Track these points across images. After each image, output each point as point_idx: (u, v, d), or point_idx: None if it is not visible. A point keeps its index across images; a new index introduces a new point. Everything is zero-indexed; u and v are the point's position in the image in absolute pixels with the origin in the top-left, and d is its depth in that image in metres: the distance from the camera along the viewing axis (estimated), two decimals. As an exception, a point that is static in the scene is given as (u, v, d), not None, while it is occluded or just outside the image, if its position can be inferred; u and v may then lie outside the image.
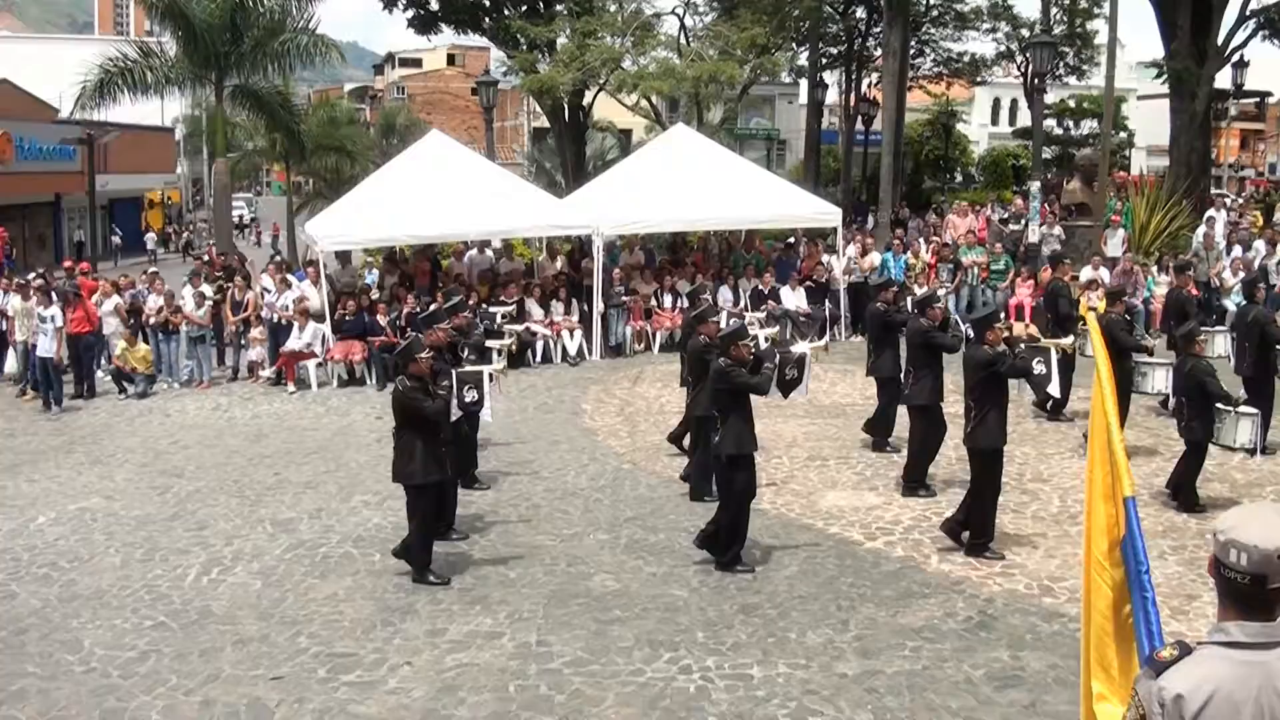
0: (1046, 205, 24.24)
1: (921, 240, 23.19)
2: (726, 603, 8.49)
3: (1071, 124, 48.68)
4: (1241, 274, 19.12)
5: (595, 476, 12.05)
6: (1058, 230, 22.69)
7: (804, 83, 42.81)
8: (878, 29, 34.93)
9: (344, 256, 19.76)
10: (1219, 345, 12.87)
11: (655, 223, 20.28)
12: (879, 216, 27.43)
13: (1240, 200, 33.86)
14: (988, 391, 9.37)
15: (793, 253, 22.00)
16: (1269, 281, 19.17)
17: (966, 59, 41.98)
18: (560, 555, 9.61)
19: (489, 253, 20.88)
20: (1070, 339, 12.04)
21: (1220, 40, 27.63)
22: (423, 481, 8.99)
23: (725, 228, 22.34)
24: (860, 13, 37.89)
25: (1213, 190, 31.29)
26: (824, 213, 21.18)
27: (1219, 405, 10.34)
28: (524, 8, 29.63)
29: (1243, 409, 10.54)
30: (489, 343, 12.60)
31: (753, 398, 9.26)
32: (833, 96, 43.59)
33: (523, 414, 14.79)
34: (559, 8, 29.19)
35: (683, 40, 30.20)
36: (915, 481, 11.11)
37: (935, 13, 39.25)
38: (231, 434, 14.49)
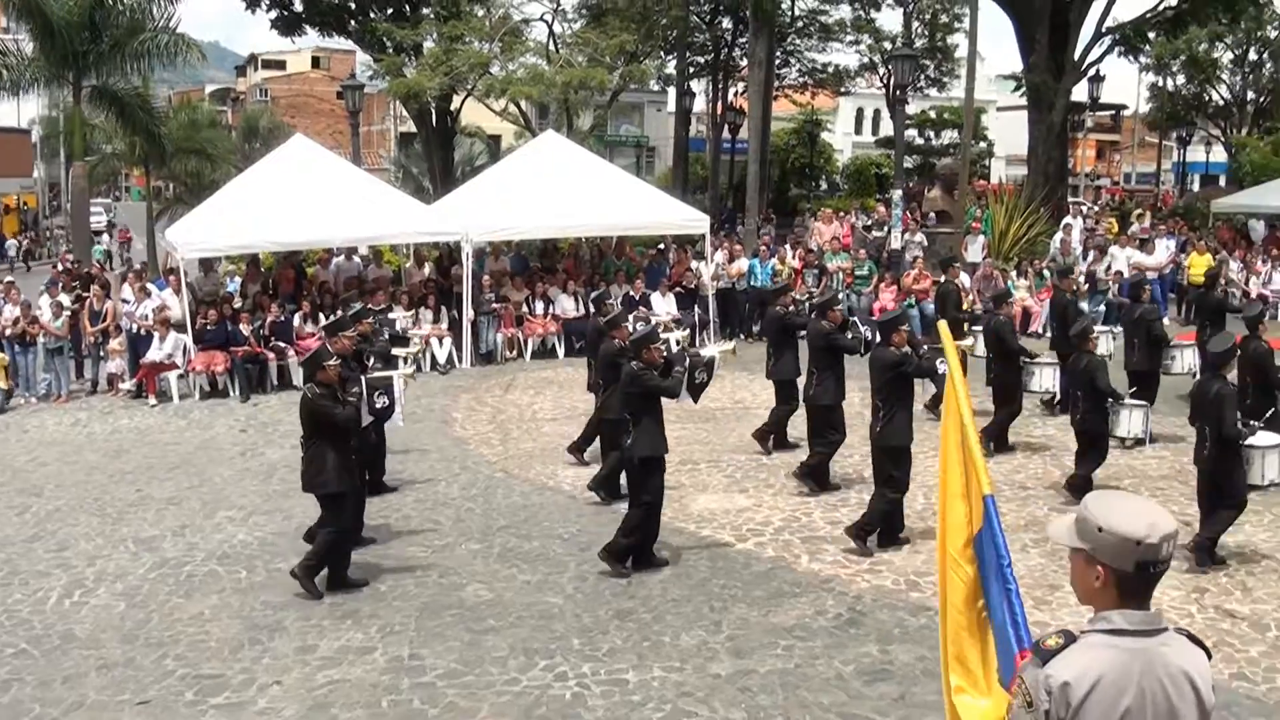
0: (909, 213, 24.87)
1: (788, 246, 23.59)
2: (601, 608, 8.51)
3: (933, 134, 50.03)
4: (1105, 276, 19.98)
5: (467, 486, 11.96)
6: (920, 237, 23.30)
7: (672, 91, 43.19)
8: (744, 39, 35.42)
9: (206, 264, 19.23)
10: (1103, 345, 13.38)
11: (525, 229, 20.22)
12: (746, 223, 27.80)
13: (1096, 208, 35.23)
14: (895, 391, 9.67)
15: (662, 259, 22.17)
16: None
17: (831, 70, 42.82)
18: (432, 566, 9.51)
19: (355, 260, 20.57)
20: (970, 340, 12.43)
21: (1077, 55, 28.73)
22: (335, 490, 8.84)
23: (596, 234, 22.41)
24: (727, 23, 38.39)
25: (1069, 198, 32.52)
26: (693, 220, 21.37)
27: (1111, 399, 10.91)
28: (390, 11, 29.27)
29: (1132, 401, 11.23)
30: (395, 350, 12.43)
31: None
32: (700, 105, 44.12)
33: (391, 423, 14.57)
34: (425, 11, 28.90)
35: (551, 46, 30.18)
36: (817, 480, 11.35)
37: (800, 24, 39.98)
38: (91, 449, 13.99)
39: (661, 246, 23.25)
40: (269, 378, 17.22)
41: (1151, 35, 31.64)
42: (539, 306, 19.81)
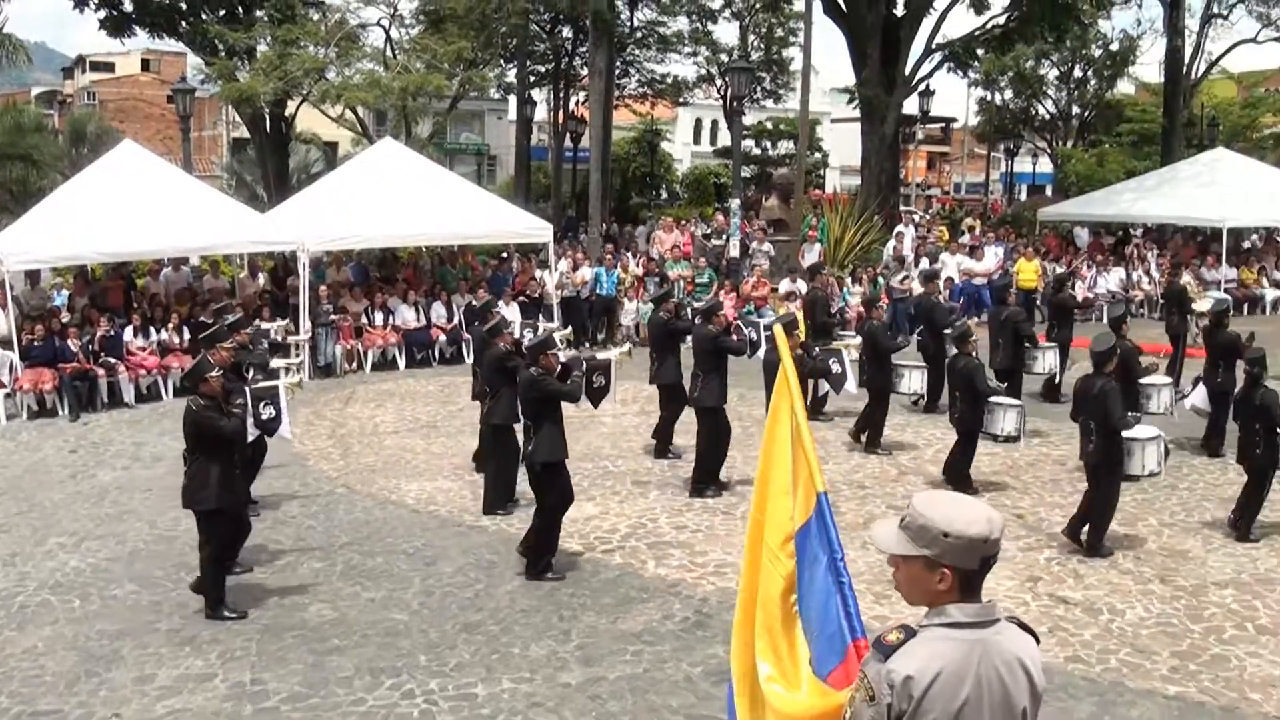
0: (747, 221, 25.32)
1: (630, 255, 23.78)
2: (448, 623, 8.42)
3: (770, 144, 50.95)
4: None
5: (307, 502, 11.69)
6: (766, 246, 23.76)
7: (513, 99, 43.07)
8: (584, 48, 35.53)
9: (33, 276, 18.34)
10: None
11: (364, 238, 19.85)
12: (589, 231, 27.90)
13: (927, 216, 36.39)
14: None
15: (505, 268, 22.08)
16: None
17: (670, 81, 43.24)
18: (273, 586, 9.27)
19: (186, 270, 19.92)
20: (858, 339, 12.85)
21: (908, 70, 29.67)
22: (216, 506, 8.56)
23: (437, 243, 22.19)
24: (567, 32, 38.43)
25: (902, 207, 33.51)
26: (535, 228, 21.36)
27: (988, 398, 11.54)
28: (223, 12, 28.40)
29: (1007, 400, 11.82)
30: (275, 361, 12.07)
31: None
32: (542, 113, 44.02)
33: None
34: (259, 14, 28.15)
35: (389, 52, 29.76)
36: (703, 482, 11.53)
37: (639, 35, 40.29)
38: (-92, 475, 13.20)
39: (504, 255, 23.15)
40: (99, 395, 16.48)
41: (980, 52, 32.95)
42: (378, 317, 19.49)
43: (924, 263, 23.48)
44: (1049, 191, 53.56)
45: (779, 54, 45.14)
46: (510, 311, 19.83)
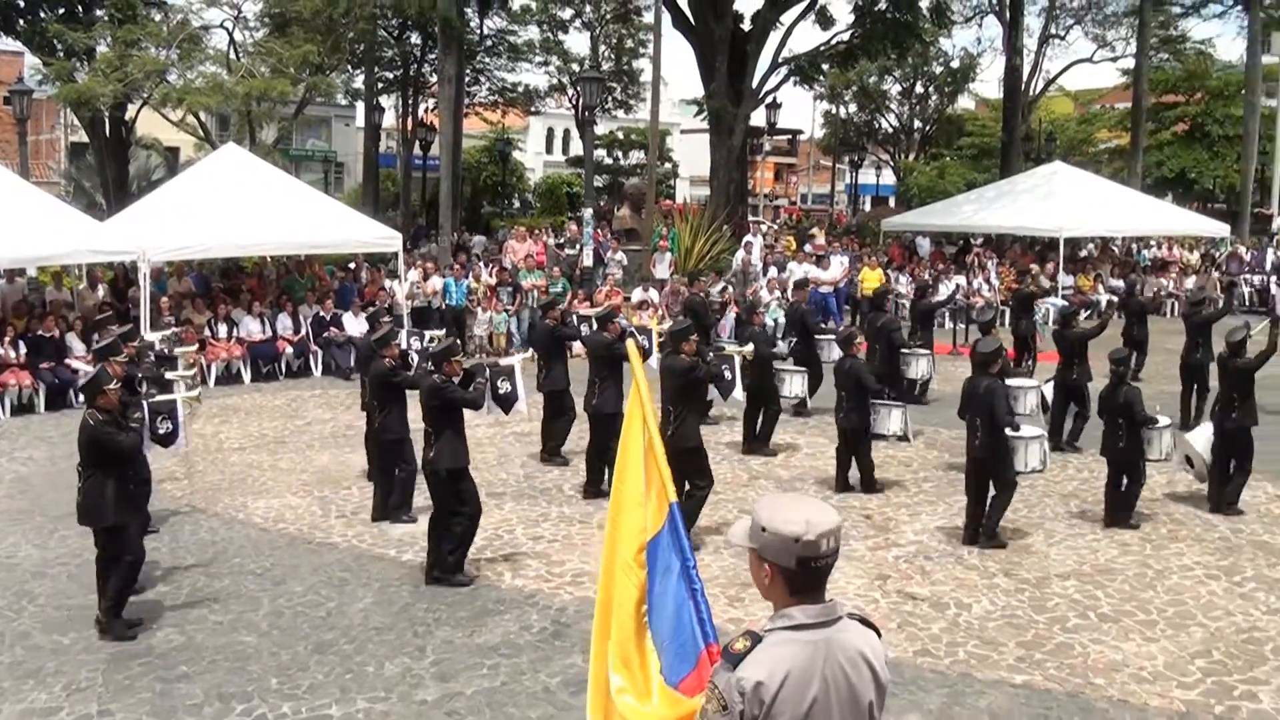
0: (599, 231, 25.41)
1: (482, 264, 23.62)
2: (300, 643, 8.20)
3: (621, 154, 51.33)
4: (777, 292, 21.11)
5: (151, 523, 11.25)
6: (620, 255, 23.86)
7: (360, 105, 42.47)
8: (433, 55, 35.23)
9: None
10: (836, 352, 14.47)
11: (207, 247, 19.25)
12: (440, 241, 27.64)
13: (775, 226, 37.09)
14: (686, 396, 10.22)
15: (353, 278, 21.69)
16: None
17: (521, 89, 43.19)
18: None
19: (21, 282, 19.03)
20: (750, 346, 13.17)
21: (755, 83, 30.21)
22: (115, 522, 8.21)
23: (283, 253, 21.67)
24: (416, 38, 38.07)
25: (750, 217, 34.12)
26: (384, 237, 21.03)
27: (875, 399, 11.99)
28: (61, 11, 27.30)
29: (892, 401, 12.22)
30: (169, 374, 11.59)
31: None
32: (390, 120, 43.53)
33: (68, 460, 13.55)
34: (99, 13, 27.13)
35: (233, 55, 28.99)
36: (596, 487, 11.60)
37: (489, 43, 40.15)
38: None
39: (352, 265, 22.75)
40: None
41: (825, 67, 33.68)
42: (222, 329, 18.92)
43: (772, 271, 23.92)
44: (892, 202, 55.24)
45: (629, 65, 45.56)
46: (357, 323, 19.49)
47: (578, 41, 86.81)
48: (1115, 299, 25.51)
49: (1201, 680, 7.62)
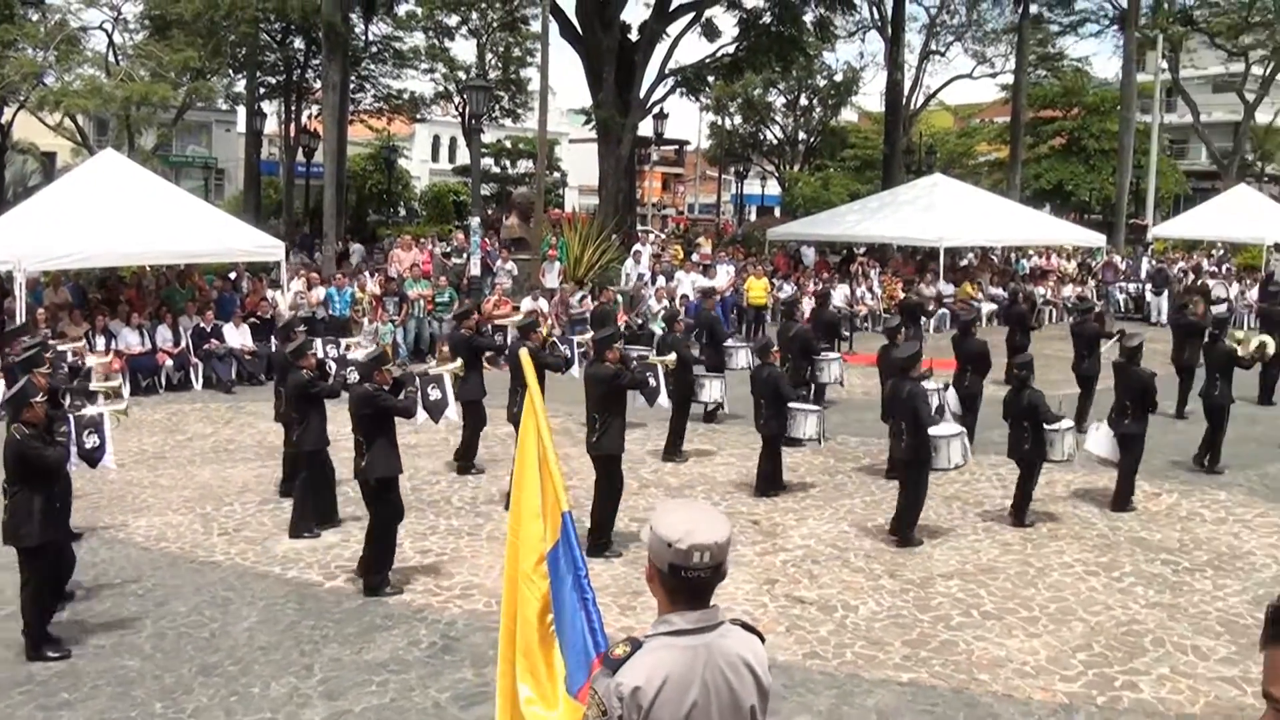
0: (487, 240, 25.27)
1: (367, 273, 23.31)
2: (184, 666, 7.97)
3: (509, 163, 51.12)
4: (665, 301, 21.23)
5: (25, 541, 10.84)
6: (510, 265, 23.75)
7: (242, 110, 41.65)
8: (317, 61, 34.72)
9: None
10: (742, 358, 15.30)
11: (85, 256, 18.59)
12: (323, 250, 27.22)
13: (663, 236, 37.30)
14: (609, 403, 10.34)
15: (234, 289, 21.22)
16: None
17: (406, 96, 42.78)
18: (-10, 637, 8.54)
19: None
20: (672, 355, 13.37)
21: (642, 93, 30.35)
22: (39, 542, 7.89)
23: (162, 262, 21.11)
24: (299, 43, 37.48)
25: (638, 227, 34.28)
26: (266, 246, 20.63)
27: (790, 404, 12.22)
28: (-65, 11, 26.31)
29: (807, 406, 12.49)
30: (93, 385, 11.22)
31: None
32: (273, 126, 42.77)
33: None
34: (-27, 13, 26.22)
35: (111, 58, 28.21)
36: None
37: (375, 49, 39.70)
38: None
39: (233, 275, 22.25)
40: None
41: (711, 79, 34.00)
42: (100, 342, 18.32)
43: (660, 280, 24.05)
44: (777, 212, 56.01)
45: (517, 73, 45.46)
46: (240, 335, 19.09)
47: (464, 49, 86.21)
48: (996, 306, 26.22)
49: (1083, 673, 7.86)
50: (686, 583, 3.09)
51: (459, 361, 12.47)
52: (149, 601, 9.23)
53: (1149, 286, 30.00)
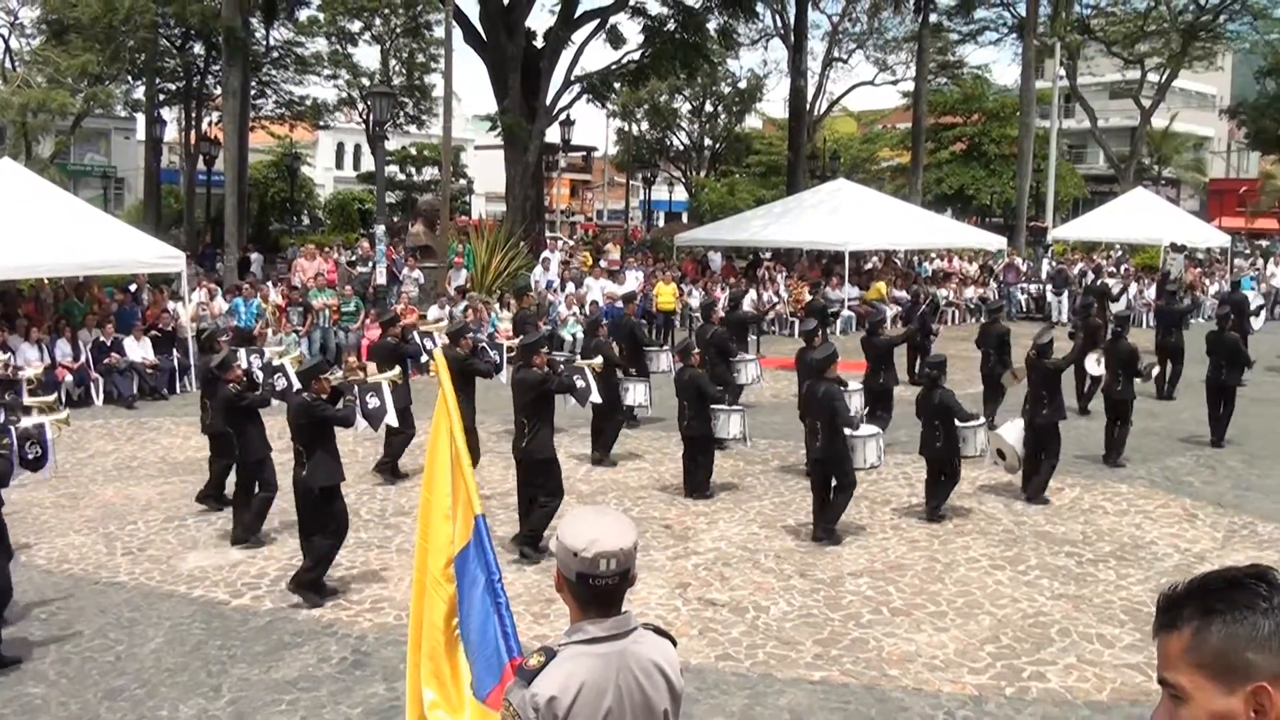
0: (392, 248, 25.04)
1: (270, 284, 22.96)
2: (89, 691, 7.76)
3: (414, 170, 50.76)
4: (575, 308, 21.27)
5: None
6: (417, 274, 23.53)
7: (141, 117, 40.80)
8: (217, 67, 34.14)
9: None
10: (663, 361, 15.77)
11: (-23, 269, 18.10)
12: (225, 260, 26.75)
13: (571, 242, 37.29)
14: (538, 408, 10.43)
15: (135, 301, 20.74)
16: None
17: (309, 103, 42.27)
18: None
19: None
20: (599, 359, 13.47)
21: (548, 100, 30.29)
22: None
23: (60, 274, 20.54)
24: (199, 49, 36.82)
25: (547, 233, 34.21)
26: (167, 257, 20.18)
27: (715, 406, 12.35)
28: None
29: (730, 406, 12.67)
30: (28, 400, 11.02)
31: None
32: (173, 134, 42.00)
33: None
34: None
35: (7, 64, 27.43)
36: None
37: (276, 55, 39.17)
38: None
39: (133, 287, 21.74)
40: None
41: (617, 85, 34.09)
42: (-3, 356, 17.77)
43: (570, 287, 24.05)
44: (685, 218, 56.32)
45: (421, 80, 45.19)
46: (141, 348, 18.65)
47: (367, 55, 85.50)
48: (900, 308, 26.64)
49: (991, 665, 8.02)
50: (595, 591, 3.09)
51: (396, 369, 12.41)
52: (53, 626, 8.97)
53: (1049, 287, 30.76)
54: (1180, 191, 63.27)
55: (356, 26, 41.61)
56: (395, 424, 12.12)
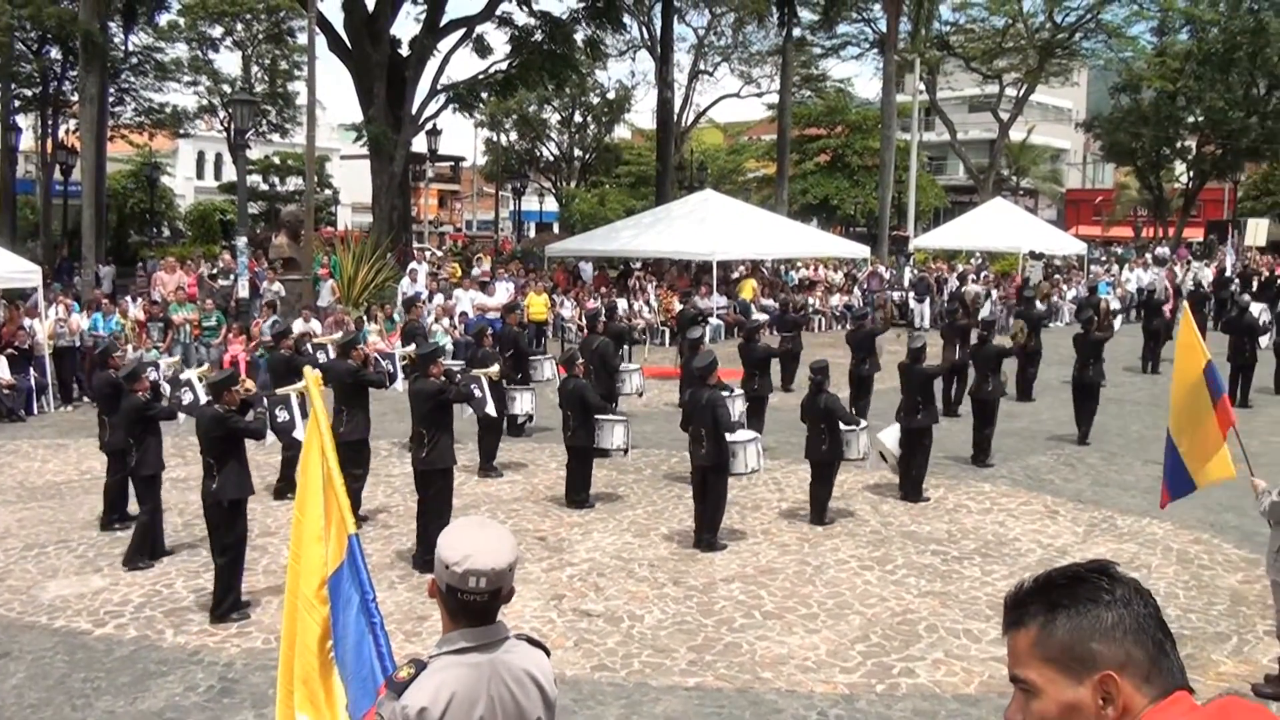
0: (255, 260, 24.49)
1: (129, 298, 22.26)
2: (-62, 725, 7.43)
3: (277, 180, 49.79)
4: (446, 320, 21.10)
5: None
6: (278, 286, 23.03)
7: (-6, 125, 39.18)
8: (74, 72, 32.99)
9: None
10: (547, 370, 15.81)
11: None
12: (83, 274, 25.86)
13: (440, 254, 36.96)
14: (436, 418, 10.47)
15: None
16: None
17: (169, 110, 41.19)
18: None
19: None
20: (496, 367, 13.49)
21: (415, 109, 30.00)
22: None
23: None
24: (55, 53, 35.52)
25: (415, 245, 33.86)
26: (22, 271, 19.40)
27: (598, 415, 12.44)
28: None
29: (614, 416, 12.74)
30: None
31: None
32: (28, 142, 40.48)
33: None
34: None
35: None
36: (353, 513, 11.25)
37: (135, 60, 38.05)
38: None
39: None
40: None
41: (484, 95, 33.96)
42: None
43: (439, 298, 23.83)
44: (556, 228, 56.29)
45: (284, 87, 44.41)
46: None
47: (229, 61, 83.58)
48: (768, 316, 27.04)
49: (862, 663, 8.21)
50: (464, 604, 3.09)
51: (303, 383, 12.16)
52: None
53: (912, 294, 31.56)
54: (1038, 201, 65.72)
55: (218, 32, 40.66)
56: (303, 439, 11.87)
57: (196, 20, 39.17)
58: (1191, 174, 52.92)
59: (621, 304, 25.03)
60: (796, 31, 41.63)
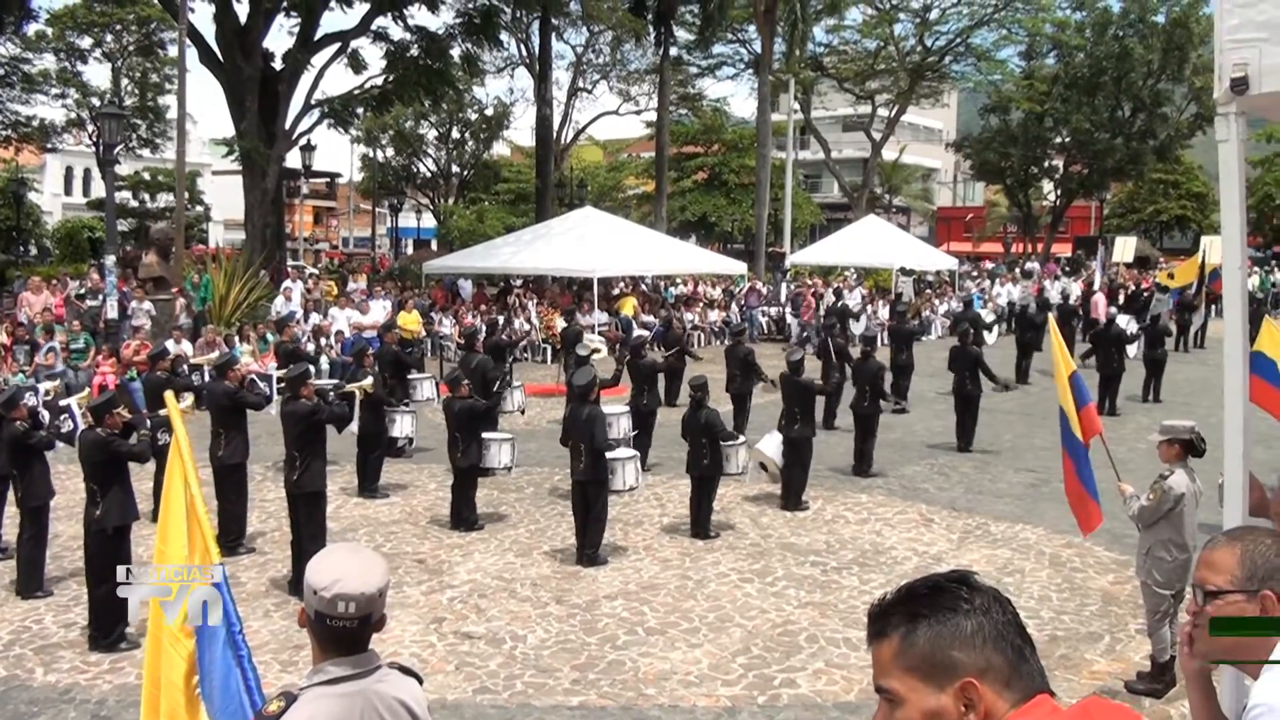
0: (124, 279, 23.79)
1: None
2: None
3: (148, 196, 48.54)
4: (324, 339, 20.78)
5: None
6: (147, 305, 22.37)
7: None
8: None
9: None
10: (427, 389, 15.70)
11: None
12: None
13: (316, 271, 36.39)
14: (308, 440, 10.28)
15: None
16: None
17: (36, 123, 39.98)
18: None
19: None
20: (369, 380, 13.35)
21: (288, 124, 29.46)
22: None
23: None
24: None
25: (290, 262, 33.27)
26: None
27: (486, 435, 12.52)
28: None
29: (500, 435, 12.83)
30: None
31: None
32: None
33: None
34: None
35: None
36: (235, 539, 11.23)
37: (1, 72, 36.85)
38: None
39: None
40: None
41: (359, 110, 33.55)
42: None
43: (314, 317, 23.47)
44: (434, 245, 55.86)
45: (155, 101, 43.42)
46: None
47: (98, 74, 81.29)
48: (649, 332, 27.20)
49: (744, 675, 8.28)
50: (333, 631, 3.03)
51: (190, 400, 11.89)
52: None
53: (788, 309, 32.05)
54: (910, 218, 67.37)
55: (87, 43, 39.60)
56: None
57: (65, 31, 38.10)
58: (1059, 192, 54.91)
59: (500, 321, 24.95)
60: (673, 51, 42.08)
